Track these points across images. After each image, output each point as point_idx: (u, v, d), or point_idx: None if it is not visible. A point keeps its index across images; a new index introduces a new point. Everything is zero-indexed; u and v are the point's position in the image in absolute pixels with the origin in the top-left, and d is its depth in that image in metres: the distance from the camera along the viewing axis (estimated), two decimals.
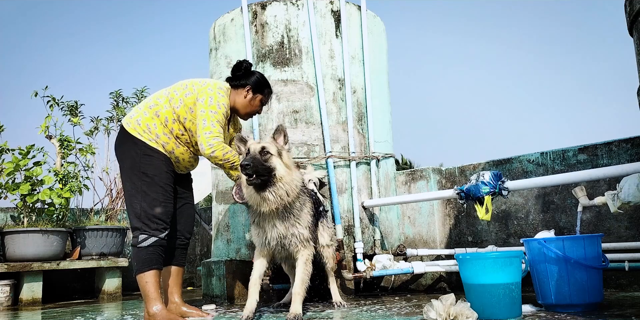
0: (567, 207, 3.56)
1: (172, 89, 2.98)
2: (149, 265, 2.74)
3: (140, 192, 2.79)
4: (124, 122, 2.96)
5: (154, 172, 2.82)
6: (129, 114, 2.99)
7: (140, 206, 2.77)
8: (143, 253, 2.74)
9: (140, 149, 2.84)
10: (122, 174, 2.92)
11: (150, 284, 2.73)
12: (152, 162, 2.83)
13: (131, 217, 2.82)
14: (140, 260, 2.75)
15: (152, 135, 2.86)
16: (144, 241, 2.74)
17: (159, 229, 2.78)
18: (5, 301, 4.41)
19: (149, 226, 2.76)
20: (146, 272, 2.74)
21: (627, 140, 3.35)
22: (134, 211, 2.79)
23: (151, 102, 2.96)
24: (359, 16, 4.18)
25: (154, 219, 2.77)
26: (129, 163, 2.85)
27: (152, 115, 2.89)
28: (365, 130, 4.07)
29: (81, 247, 4.94)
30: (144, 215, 2.77)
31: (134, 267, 2.81)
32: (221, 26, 4.24)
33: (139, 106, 2.99)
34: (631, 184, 2.75)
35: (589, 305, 2.60)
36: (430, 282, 4.09)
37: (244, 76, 3.06)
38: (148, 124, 2.87)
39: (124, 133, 2.91)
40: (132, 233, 2.81)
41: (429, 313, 2.36)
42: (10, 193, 4.67)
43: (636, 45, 2.64)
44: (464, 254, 2.69)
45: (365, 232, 3.90)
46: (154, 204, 2.78)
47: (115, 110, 5.69)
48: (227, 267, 3.86)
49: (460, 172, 4.18)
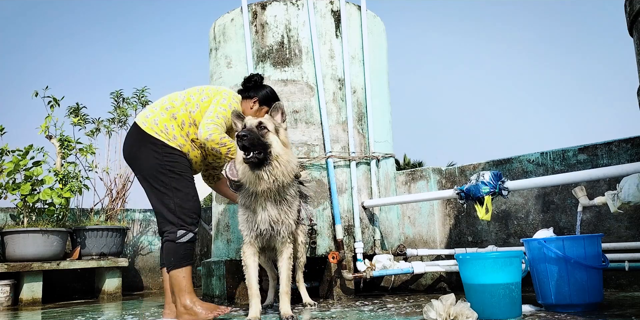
0: (567, 207, 3.56)
1: (187, 93, 3.01)
2: (187, 261, 2.81)
3: (171, 189, 2.82)
4: (139, 121, 2.95)
5: (181, 168, 2.86)
6: (144, 114, 2.98)
7: (174, 202, 2.81)
8: (182, 248, 2.79)
9: (159, 148, 2.85)
10: (143, 172, 2.90)
11: (187, 278, 2.80)
12: (177, 160, 2.86)
13: (164, 214, 2.83)
14: (178, 256, 2.79)
15: (169, 136, 2.88)
16: (183, 237, 2.80)
17: (194, 223, 2.85)
18: (5, 301, 4.41)
19: (185, 221, 2.81)
20: (184, 267, 2.80)
21: (627, 140, 3.35)
22: (167, 208, 2.82)
23: (167, 103, 2.96)
24: (359, 16, 4.18)
25: (190, 213, 2.83)
26: (150, 162, 2.85)
27: (169, 117, 2.91)
28: (365, 130, 4.07)
29: (81, 247, 4.94)
30: (179, 211, 2.81)
31: (167, 262, 2.82)
32: (221, 26, 4.24)
33: (154, 106, 2.99)
34: (631, 184, 2.75)
35: (589, 305, 2.60)
36: (430, 282, 4.09)
37: (253, 88, 3.12)
38: (166, 125, 2.89)
39: (140, 132, 2.90)
40: (165, 228, 2.83)
41: (429, 313, 2.36)
42: (11, 193, 4.67)
43: (636, 45, 2.64)
44: (464, 254, 2.69)
45: (365, 232, 3.90)
46: (187, 199, 2.83)
47: (116, 111, 5.68)
48: (227, 267, 3.86)
49: (460, 172, 4.18)
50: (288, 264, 2.81)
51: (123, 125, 5.69)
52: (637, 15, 2.57)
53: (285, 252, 2.81)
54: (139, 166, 2.92)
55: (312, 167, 3.81)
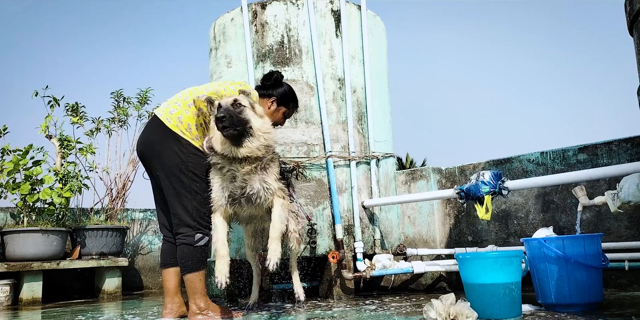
0: (567, 206, 3.56)
1: (204, 88, 2.94)
2: (203, 264, 2.82)
3: (191, 192, 2.80)
4: (162, 116, 2.86)
5: (202, 171, 2.82)
6: (166, 109, 2.89)
7: (192, 205, 2.80)
8: (199, 252, 2.80)
9: (184, 147, 2.81)
10: (163, 170, 2.84)
11: (202, 281, 2.82)
12: (200, 162, 2.81)
13: (182, 215, 2.81)
14: (196, 259, 2.79)
15: (192, 135, 2.83)
16: (200, 240, 2.80)
17: (210, 227, 2.84)
18: (5, 301, 4.41)
19: (202, 224, 2.81)
20: (201, 271, 2.81)
21: (627, 140, 3.35)
22: (185, 209, 2.80)
23: (189, 99, 2.89)
24: (359, 16, 4.18)
25: (206, 217, 2.82)
26: (174, 160, 2.80)
27: (192, 115, 2.85)
28: (365, 130, 4.07)
29: (81, 246, 4.94)
30: (196, 214, 2.80)
31: (183, 265, 2.82)
32: (221, 26, 4.24)
33: (175, 101, 2.91)
34: (631, 183, 2.75)
35: (588, 304, 2.60)
36: (430, 282, 4.09)
37: (272, 86, 3.08)
38: (189, 124, 2.84)
39: (164, 129, 2.83)
40: (181, 230, 2.81)
41: (429, 313, 2.36)
42: (11, 193, 4.67)
43: (636, 45, 2.64)
44: (464, 253, 2.69)
45: (365, 232, 3.90)
46: (205, 203, 2.81)
47: (116, 110, 5.68)
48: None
49: (460, 171, 4.18)
50: (280, 211, 2.76)
51: (123, 125, 5.69)
52: (637, 15, 2.57)
53: (277, 201, 2.76)
54: (161, 163, 2.85)
55: (312, 166, 3.81)
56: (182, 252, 2.80)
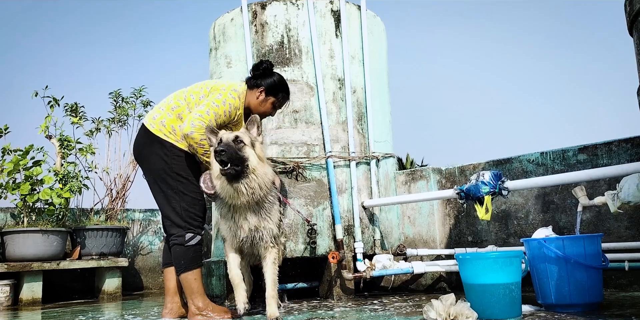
0: (567, 207, 3.56)
1: (190, 91, 2.96)
2: (197, 263, 2.84)
3: (178, 193, 2.84)
4: (146, 122, 2.93)
5: (188, 172, 2.86)
6: (151, 115, 2.95)
7: (180, 206, 2.83)
8: (191, 251, 2.82)
9: (169, 150, 2.85)
10: (151, 174, 2.91)
11: (198, 280, 2.83)
12: (184, 163, 2.86)
13: (172, 217, 2.84)
14: (188, 259, 2.82)
15: (177, 137, 2.86)
16: (191, 240, 2.83)
17: (200, 226, 2.87)
18: (5, 301, 4.41)
19: (192, 224, 2.84)
20: (195, 270, 2.83)
21: (627, 140, 3.35)
22: (174, 211, 2.83)
23: (172, 103, 2.93)
24: (359, 16, 4.18)
25: (195, 217, 2.85)
26: (159, 164, 2.85)
27: (175, 117, 2.89)
28: (365, 130, 4.06)
29: (81, 247, 4.94)
30: (185, 215, 2.83)
31: (177, 265, 2.84)
32: (221, 26, 4.24)
33: (160, 107, 2.96)
34: (631, 183, 2.75)
35: (588, 305, 2.60)
36: (430, 282, 4.09)
37: (260, 76, 3.02)
38: (173, 126, 2.87)
39: (149, 134, 2.89)
40: (173, 231, 2.84)
41: (429, 313, 2.36)
42: (11, 193, 4.67)
43: (636, 45, 2.64)
44: (464, 253, 2.69)
45: (365, 232, 3.89)
46: (193, 203, 2.85)
47: (116, 110, 5.68)
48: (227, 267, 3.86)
49: (460, 172, 4.18)
50: (273, 268, 2.81)
51: (123, 125, 5.69)
52: (637, 15, 2.57)
53: (269, 257, 2.80)
54: (148, 168, 2.92)
55: (312, 167, 3.81)
56: (175, 252, 2.83)
